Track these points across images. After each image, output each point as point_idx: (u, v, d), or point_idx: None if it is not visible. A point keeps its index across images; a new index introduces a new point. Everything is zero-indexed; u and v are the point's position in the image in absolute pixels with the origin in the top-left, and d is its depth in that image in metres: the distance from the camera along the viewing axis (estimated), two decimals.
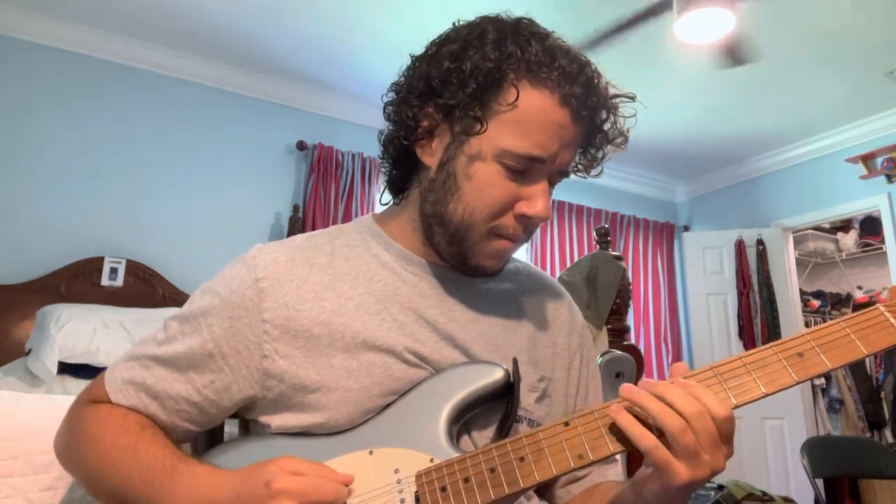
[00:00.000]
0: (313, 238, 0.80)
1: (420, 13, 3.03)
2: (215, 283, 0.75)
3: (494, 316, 0.79)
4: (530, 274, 0.89)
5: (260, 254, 0.76)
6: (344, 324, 0.71)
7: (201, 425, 0.75)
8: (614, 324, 2.24)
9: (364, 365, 0.70)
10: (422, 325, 0.73)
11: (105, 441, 0.69)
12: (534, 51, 0.68)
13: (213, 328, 0.71)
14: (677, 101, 3.89)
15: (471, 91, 0.68)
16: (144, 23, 3.18)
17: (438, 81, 0.71)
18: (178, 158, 3.40)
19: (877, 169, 4.11)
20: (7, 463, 0.90)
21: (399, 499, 0.63)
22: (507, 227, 0.72)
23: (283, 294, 0.72)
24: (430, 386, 0.70)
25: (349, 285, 0.74)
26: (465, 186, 0.71)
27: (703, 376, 0.61)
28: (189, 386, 0.71)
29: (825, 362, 0.58)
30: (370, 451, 0.67)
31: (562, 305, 0.88)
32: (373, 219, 0.83)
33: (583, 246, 4.61)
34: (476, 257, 0.74)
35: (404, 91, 0.76)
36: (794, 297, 4.50)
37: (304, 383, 0.69)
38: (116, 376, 0.74)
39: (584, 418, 0.62)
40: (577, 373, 0.85)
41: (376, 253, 0.78)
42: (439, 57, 0.72)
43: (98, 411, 0.73)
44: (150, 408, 0.72)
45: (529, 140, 0.68)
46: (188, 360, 0.72)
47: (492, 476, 0.61)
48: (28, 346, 2.55)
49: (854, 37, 3.17)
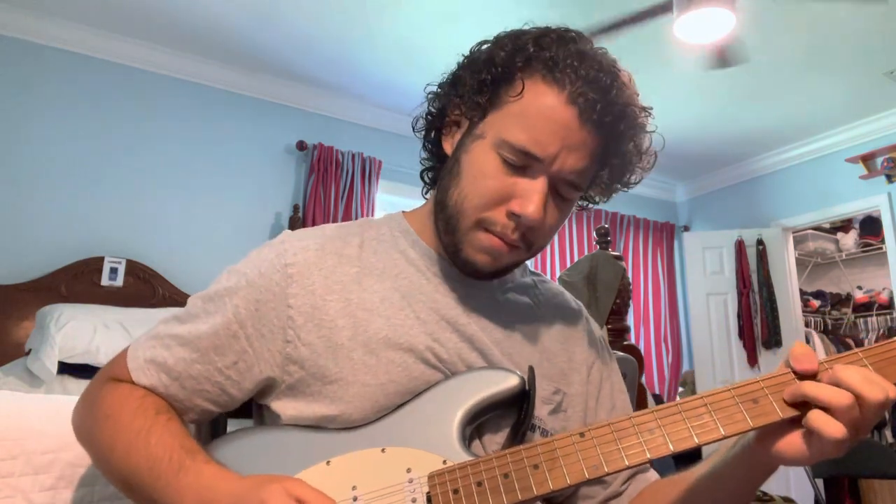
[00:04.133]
0: (343, 229, 0.80)
1: (420, 13, 3.03)
2: (243, 265, 0.75)
3: (512, 325, 0.79)
4: (547, 289, 0.88)
5: (290, 239, 0.76)
6: (367, 319, 0.71)
7: (221, 406, 0.74)
8: (614, 324, 2.25)
9: (383, 362, 0.70)
10: (443, 326, 0.73)
11: (121, 422, 0.69)
12: (554, 49, 0.68)
13: (238, 309, 0.71)
14: (677, 101, 3.89)
15: (482, 79, 0.71)
16: (144, 23, 3.18)
17: (462, 72, 0.74)
18: (179, 158, 3.40)
19: (877, 169, 4.11)
20: (7, 463, 0.90)
21: (410, 498, 0.63)
22: (496, 223, 0.70)
23: (310, 282, 0.72)
24: (445, 388, 0.70)
25: (375, 279, 0.75)
26: (464, 173, 0.72)
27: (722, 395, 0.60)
28: (210, 367, 0.71)
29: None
30: (382, 450, 0.67)
31: (579, 320, 0.87)
32: (402, 215, 0.84)
33: (583, 246, 4.61)
34: (466, 249, 0.73)
35: (440, 86, 0.78)
36: (794, 297, 4.50)
37: (322, 373, 0.69)
38: (139, 355, 0.74)
39: (599, 430, 0.61)
40: (597, 387, 0.83)
41: (403, 249, 0.79)
42: (473, 54, 0.75)
43: (117, 390, 0.73)
44: (170, 388, 0.72)
45: (528, 134, 0.68)
46: (210, 339, 0.72)
47: (505, 481, 0.61)
48: (28, 346, 2.55)
49: (854, 37, 3.17)
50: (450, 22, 3.05)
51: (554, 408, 0.77)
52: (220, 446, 0.70)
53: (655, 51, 3.25)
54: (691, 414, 0.60)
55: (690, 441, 0.58)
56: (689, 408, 0.60)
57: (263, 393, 0.75)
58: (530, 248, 0.74)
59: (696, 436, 0.58)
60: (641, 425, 0.60)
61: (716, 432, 0.58)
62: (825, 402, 0.55)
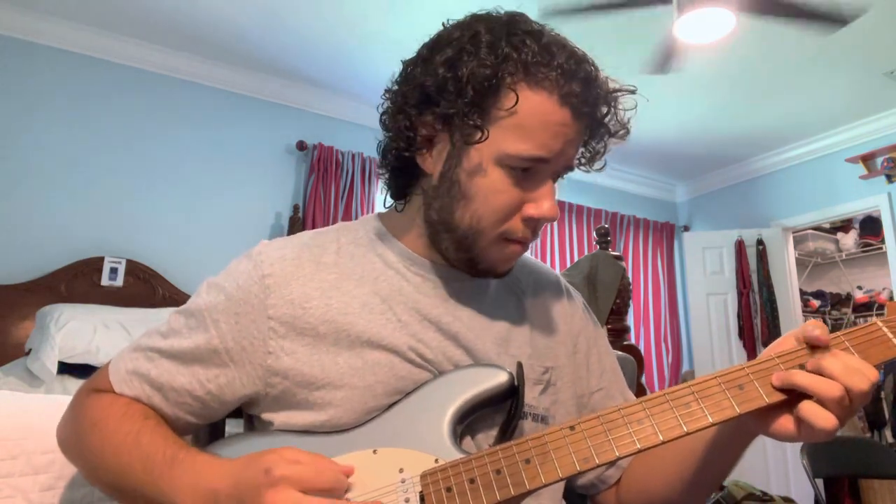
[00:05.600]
0: (320, 236, 0.80)
1: (420, 13, 3.03)
2: (221, 278, 0.75)
3: (497, 312, 0.79)
4: (525, 264, 0.89)
5: (266, 250, 0.76)
6: (349, 322, 0.71)
7: (203, 418, 0.75)
8: (614, 324, 2.24)
9: (369, 363, 0.70)
10: (425, 326, 0.74)
11: (108, 428, 0.69)
12: (530, 50, 0.67)
13: (218, 324, 0.72)
14: (677, 101, 3.89)
15: (469, 99, 0.67)
16: (144, 23, 3.18)
17: (434, 89, 0.69)
18: (179, 158, 3.40)
19: (877, 169, 4.11)
20: (7, 463, 0.90)
21: (403, 498, 0.63)
22: (516, 231, 0.72)
23: (289, 291, 0.72)
24: (434, 387, 0.71)
25: (354, 284, 0.75)
26: (471, 194, 0.70)
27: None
28: (193, 379, 0.72)
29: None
30: (374, 451, 0.67)
31: (560, 291, 0.89)
32: (377, 218, 0.83)
33: (583, 246, 4.61)
34: (486, 262, 0.74)
35: (399, 100, 0.73)
36: (794, 297, 4.50)
37: (308, 380, 0.70)
38: (121, 367, 0.74)
39: (589, 423, 0.62)
40: (585, 355, 0.85)
41: (381, 252, 0.79)
42: (433, 63, 0.70)
43: (101, 399, 0.73)
44: (153, 399, 0.72)
45: (532, 142, 0.68)
46: (193, 355, 0.72)
47: (497, 477, 0.61)
48: (28, 346, 2.55)
49: (854, 37, 3.17)
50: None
51: (543, 387, 0.78)
52: (216, 450, 0.71)
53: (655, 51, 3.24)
54: (679, 403, 0.61)
55: (679, 430, 0.60)
56: (677, 396, 0.61)
57: (249, 405, 0.75)
58: (536, 236, 0.77)
59: (684, 424, 0.60)
60: (630, 416, 0.61)
61: (703, 420, 0.60)
62: (817, 393, 0.57)
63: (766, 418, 0.61)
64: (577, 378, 0.83)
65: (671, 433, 0.59)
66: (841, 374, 0.57)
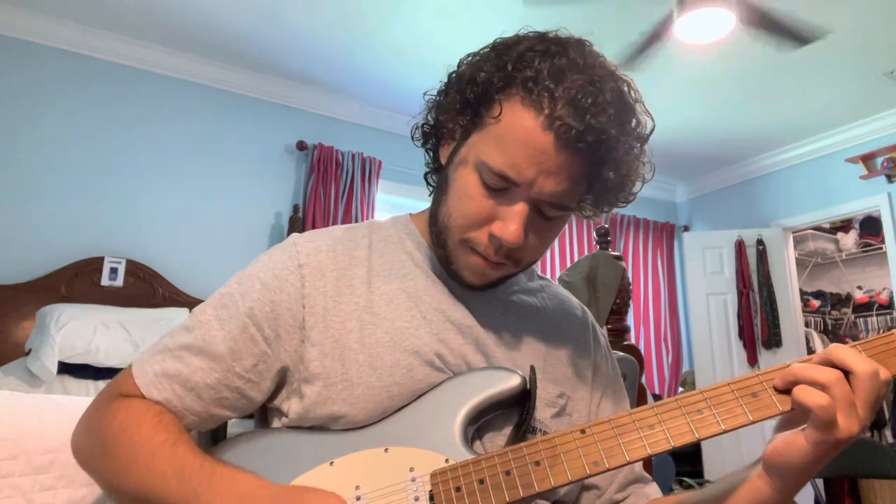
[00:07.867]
0: (352, 231, 0.81)
1: (420, 13, 3.03)
2: (254, 268, 0.75)
3: (517, 327, 0.79)
4: (553, 294, 0.89)
5: (300, 241, 0.76)
6: (374, 322, 0.72)
7: (240, 410, 0.73)
8: (614, 324, 2.24)
9: (388, 364, 0.70)
10: (448, 327, 0.74)
11: (142, 433, 0.66)
12: (534, 69, 0.66)
13: (253, 311, 0.71)
14: (677, 101, 3.89)
15: (463, 99, 0.70)
16: (144, 23, 3.18)
17: (450, 87, 0.74)
18: (179, 158, 3.40)
19: (877, 169, 4.11)
20: (7, 463, 0.90)
21: (413, 497, 0.63)
22: (479, 243, 0.70)
23: (323, 283, 0.73)
24: (447, 388, 0.71)
25: (383, 281, 0.75)
26: (451, 190, 0.72)
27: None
28: (229, 373, 0.70)
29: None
30: (385, 449, 0.67)
31: (584, 328, 0.87)
32: (409, 217, 0.85)
33: (583, 246, 4.61)
34: (455, 264, 0.74)
35: (438, 94, 0.78)
36: (794, 297, 4.50)
37: (328, 373, 0.70)
38: (147, 370, 0.71)
39: (600, 426, 0.62)
40: (600, 396, 0.84)
41: (409, 251, 0.79)
42: (460, 64, 0.74)
43: (132, 404, 0.70)
44: (185, 400, 0.70)
45: (505, 158, 0.66)
46: (227, 345, 0.71)
47: (507, 479, 0.61)
48: (28, 346, 2.55)
49: (854, 37, 3.17)
50: (449, 21, 3.04)
51: (557, 411, 0.77)
52: (223, 451, 0.70)
53: (655, 51, 3.24)
54: (691, 409, 0.60)
55: (690, 436, 0.59)
56: (689, 403, 0.61)
57: (272, 393, 0.75)
58: (519, 264, 0.74)
59: (695, 430, 0.59)
60: (641, 421, 0.61)
61: (715, 426, 0.59)
62: (812, 378, 0.56)
63: (780, 451, 0.58)
64: (590, 413, 0.82)
65: (682, 439, 0.59)
66: (846, 356, 0.56)
